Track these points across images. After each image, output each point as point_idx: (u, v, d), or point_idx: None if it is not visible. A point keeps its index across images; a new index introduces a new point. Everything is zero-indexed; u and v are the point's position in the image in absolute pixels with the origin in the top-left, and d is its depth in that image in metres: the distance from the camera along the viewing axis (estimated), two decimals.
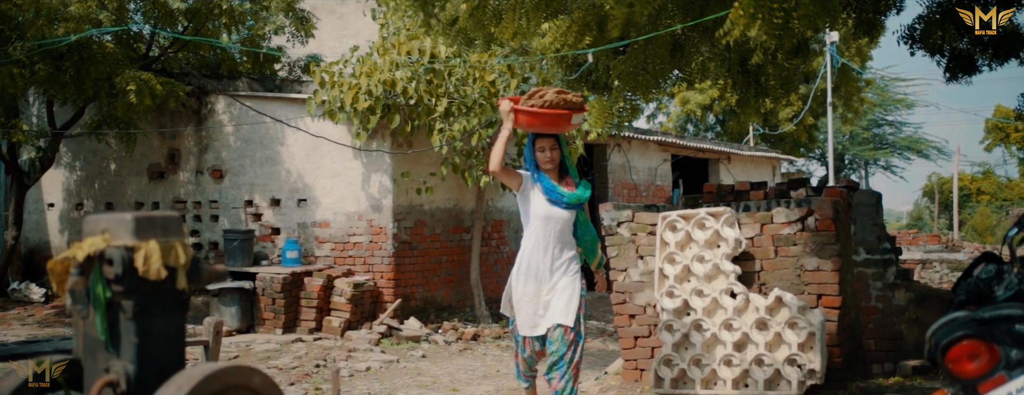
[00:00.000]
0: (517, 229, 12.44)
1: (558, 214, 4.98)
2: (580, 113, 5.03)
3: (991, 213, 38.32)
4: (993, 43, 7.94)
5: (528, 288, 4.98)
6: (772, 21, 5.02)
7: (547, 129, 5.00)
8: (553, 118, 4.90)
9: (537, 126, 4.99)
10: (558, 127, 4.99)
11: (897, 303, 6.76)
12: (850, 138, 40.44)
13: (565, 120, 4.95)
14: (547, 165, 5.04)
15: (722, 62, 7.67)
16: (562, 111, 4.90)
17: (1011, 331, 3.09)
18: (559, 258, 4.99)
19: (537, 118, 4.91)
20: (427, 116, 9.93)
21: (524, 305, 4.99)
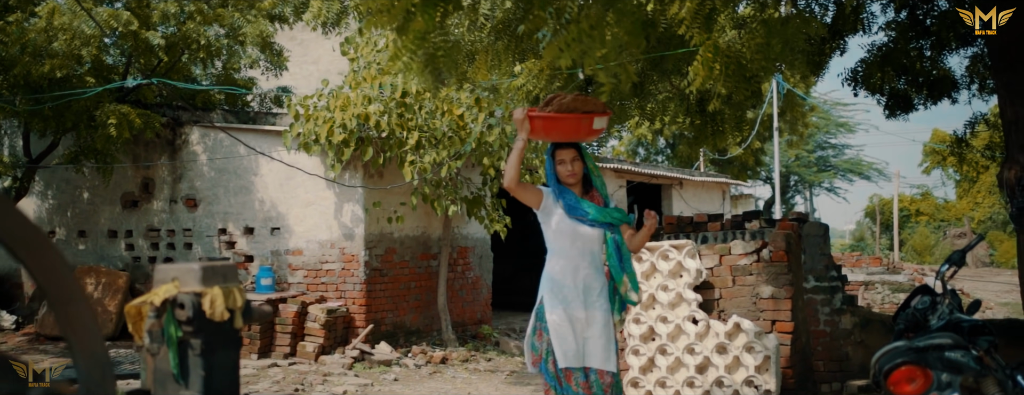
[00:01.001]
0: (482, 255, 12.90)
1: (585, 233, 4.46)
2: (603, 116, 4.50)
3: (930, 234, 39.67)
4: (928, 84, 8.63)
5: (565, 314, 4.39)
6: (729, 74, 5.56)
7: (567, 137, 4.51)
8: (573, 123, 4.41)
9: (556, 134, 4.49)
10: (579, 134, 4.49)
11: (843, 327, 7.34)
12: (795, 161, 41.60)
13: (586, 125, 4.44)
14: (569, 179, 4.53)
15: (681, 102, 8.25)
16: (582, 115, 4.42)
17: (942, 358, 3.63)
18: (592, 284, 4.44)
19: (555, 124, 4.41)
20: (398, 148, 10.36)
21: (564, 332, 4.38)
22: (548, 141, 4.65)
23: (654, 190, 19.67)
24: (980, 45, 8.23)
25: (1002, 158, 5.95)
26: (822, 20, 8.15)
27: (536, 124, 4.39)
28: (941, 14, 7.94)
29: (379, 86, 10.44)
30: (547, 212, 4.51)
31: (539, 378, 10.23)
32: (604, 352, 4.38)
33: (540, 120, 4.37)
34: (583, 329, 4.39)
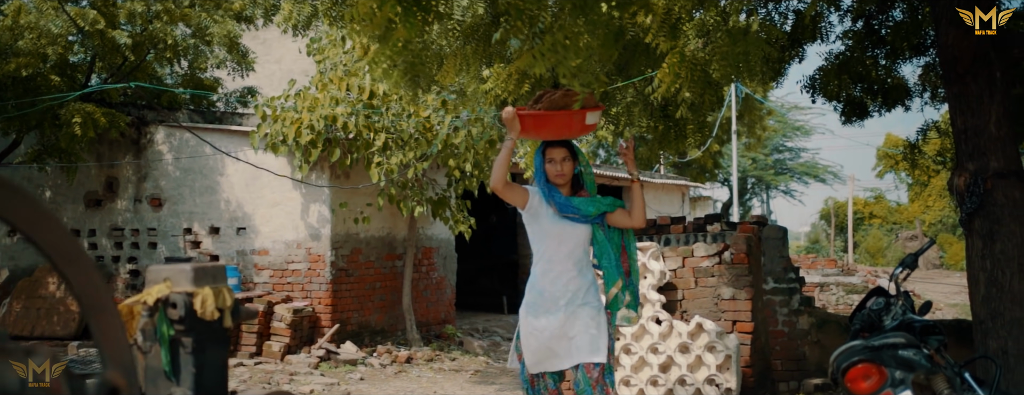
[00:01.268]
0: (446, 256, 13.02)
1: (575, 232, 4.27)
2: (595, 111, 4.34)
3: (883, 236, 40.44)
4: (882, 92, 8.90)
5: (538, 322, 4.21)
6: (694, 80, 5.74)
7: (558, 134, 4.31)
8: (564, 120, 4.23)
9: (546, 132, 4.30)
10: (571, 130, 4.31)
11: (801, 327, 7.58)
12: (752, 164, 42.18)
13: (578, 121, 4.27)
14: (558, 179, 4.32)
15: (644, 106, 8.44)
16: (574, 110, 4.24)
17: (895, 356, 3.83)
18: (576, 285, 4.23)
19: (546, 121, 4.23)
20: (365, 149, 10.46)
21: (532, 340, 4.23)
22: (539, 140, 4.44)
23: (615, 192, 19.91)
24: (932, 55, 8.51)
25: (953, 165, 6.20)
26: (782, 29, 8.39)
27: (526, 122, 4.20)
28: (896, 25, 8.20)
29: (346, 88, 10.53)
30: (533, 213, 4.30)
31: (503, 377, 10.42)
32: (590, 345, 4.14)
33: (530, 118, 4.19)
34: (563, 332, 4.16)
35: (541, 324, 4.19)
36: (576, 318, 4.19)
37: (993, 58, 5.72)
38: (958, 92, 5.91)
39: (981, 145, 5.82)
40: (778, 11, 8.57)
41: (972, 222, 5.79)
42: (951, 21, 5.72)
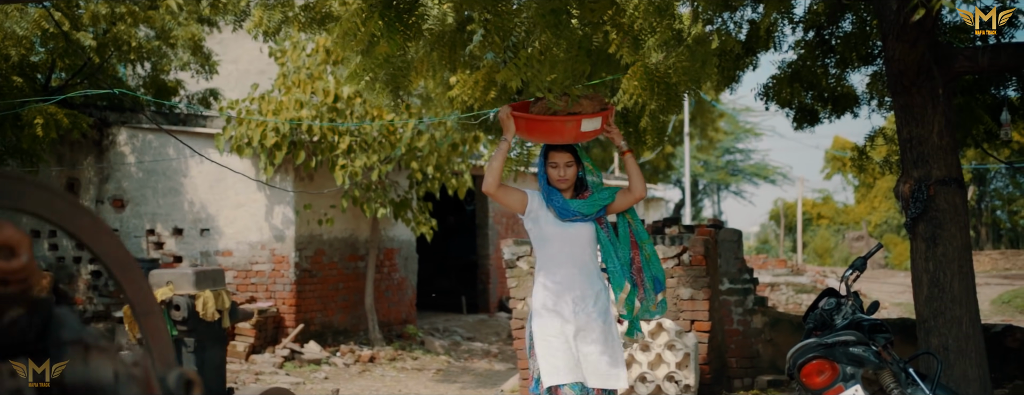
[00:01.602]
0: (407, 257, 13.20)
1: (579, 234, 4.09)
2: (593, 117, 4.09)
3: (830, 236, 41.33)
4: (832, 99, 9.27)
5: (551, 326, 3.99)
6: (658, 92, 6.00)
7: (551, 139, 4.13)
8: (556, 126, 4.04)
9: (539, 135, 4.19)
10: (564, 136, 4.10)
11: (755, 326, 7.90)
12: (704, 165, 42.84)
13: (572, 128, 4.05)
14: (560, 184, 4.16)
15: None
16: (567, 117, 4.03)
17: (846, 352, 4.13)
18: (587, 292, 4.05)
19: (539, 125, 4.08)
20: (330, 152, 10.61)
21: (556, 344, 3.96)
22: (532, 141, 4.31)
23: None
24: (879, 65, 8.89)
25: (899, 173, 6.54)
26: (737, 37, 8.71)
27: (519, 124, 4.05)
28: (845, 36, 8.54)
29: (311, 91, 10.67)
30: (533, 217, 4.11)
31: (465, 375, 10.63)
32: (608, 367, 3.98)
33: (523, 121, 4.04)
34: (579, 343, 3.96)
35: (553, 329, 3.96)
36: (591, 330, 4.00)
37: (937, 72, 6.06)
38: (904, 103, 6.24)
39: (925, 154, 6.15)
40: (733, 20, 8.89)
41: (916, 226, 6.12)
42: (898, 36, 6.04)
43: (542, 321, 4.03)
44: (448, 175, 11.71)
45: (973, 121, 8.12)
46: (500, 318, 15.26)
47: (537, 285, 4.13)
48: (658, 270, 4.32)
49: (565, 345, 3.95)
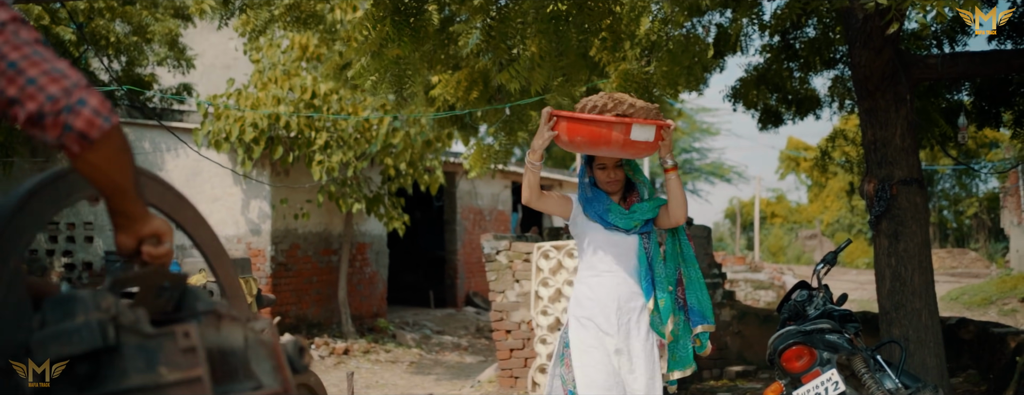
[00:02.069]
0: (379, 252, 13.40)
1: (620, 241, 3.80)
2: (646, 125, 3.55)
3: (783, 235, 42.14)
4: (796, 102, 9.65)
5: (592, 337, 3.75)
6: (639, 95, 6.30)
7: (595, 146, 3.61)
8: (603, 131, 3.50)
9: (582, 141, 3.60)
10: (609, 143, 3.55)
11: (724, 319, 8.24)
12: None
13: (621, 134, 3.50)
14: (609, 187, 3.85)
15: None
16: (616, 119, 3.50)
17: (823, 339, 4.46)
18: (630, 304, 3.78)
19: (582, 129, 3.55)
20: (307, 147, 10.78)
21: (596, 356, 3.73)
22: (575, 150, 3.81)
23: None
24: (841, 69, 9.28)
25: (863, 173, 6.90)
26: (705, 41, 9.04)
27: (563, 127, 3.58)
28: (809, 41, 8.91)
29: (289, 88, 10.83)
30: (577, 222, 3.89)
31: (437, 368, 10.86)
32: (647, 388, 3.73)
33: (569, 121, 3.57)
34: (620, 360, 3.73)
35: (592, 340, 3.73)
36: (632, 348, 3.76)
37: (901, 77, 6.43)
38: (869, 107, 6.61)
39: (888, 155, 6.52)
40: (701, 24, 9.22)
41: (879, 224, 6.49)
42: (864, 43, 6.40)
43: (581, 332, 3.76)
44: (420, 171, 11.94)
45: (929, 124, 8.53)
46: (468, 312, 15.51)
47: (576, 292, 3.87)
48: (701, 300, 3.97)
49: (604, 358, 3.71)
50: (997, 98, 8.29)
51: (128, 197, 1.68)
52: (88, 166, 1.59)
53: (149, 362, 1.52)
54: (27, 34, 1.59)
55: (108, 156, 1.59)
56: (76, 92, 1.53)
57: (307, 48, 11.42)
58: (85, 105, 1.53)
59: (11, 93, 1.53)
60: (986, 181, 34.58)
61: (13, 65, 1.53)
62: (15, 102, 1.53)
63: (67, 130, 1.53)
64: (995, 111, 8.51)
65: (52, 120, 1.52)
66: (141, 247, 1.77)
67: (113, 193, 1.67)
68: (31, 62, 1.54)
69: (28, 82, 1.52)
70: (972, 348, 7.90)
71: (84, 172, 1.62)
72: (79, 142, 1.54)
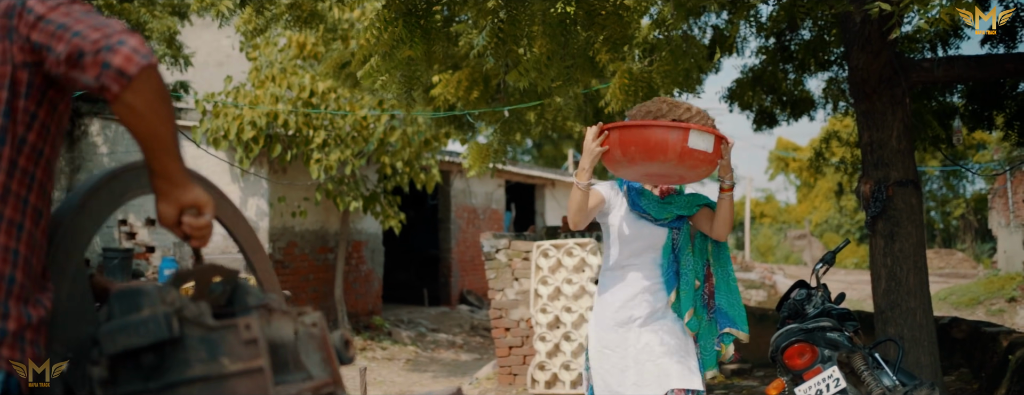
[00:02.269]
0: (374, 250, 13.46)
1: (652, 234, 3.60)
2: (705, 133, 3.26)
3: (772, 235, 42.35)
4: (791, 103, 9.76)
5: (609, 336, 3.59)
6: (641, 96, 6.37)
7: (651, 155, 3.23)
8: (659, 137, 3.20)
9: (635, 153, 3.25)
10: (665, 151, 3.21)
11: None
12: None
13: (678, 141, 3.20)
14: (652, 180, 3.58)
15: (578, 112, 9.08)
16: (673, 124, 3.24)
17: (824, 337, 4.55)
18: (654, 294, 3.59)
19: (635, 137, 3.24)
20: (305, 146, 10.83)
21: (603, 360, 3.59)
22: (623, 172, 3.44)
23: (528, 190, 20.60)
24: (835, 71, 9.39)
25: (859, 174, 7.00)
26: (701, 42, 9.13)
27: (612, 139, 3.29)
28: (804, 42, 9.01)
29: (287, 86, 10.88)
30: (604, 212, 3.66)
31: (433, 365, 10.93)
32: (680, 365, 3.49)
33: (617, 132, 3.27)
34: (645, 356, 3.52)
35: (613, 340, 3.57)
36: (658, 334, 3.54)
37: (899, 80, 6.53)
38: (866, 109, 6.71)
39: (884, 157, 6.62)
40: (697, 25, 9.31)
41: (876, 224, 6.59)
42: (862, 46, 6.50)
43: (602, 331, 3.61)
44: (417, 170, 12.00)
45: (921, 126, 8.65)
46: (462, 310, 15.58)
47: (601, 287, 3.69)
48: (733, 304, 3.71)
49: (622, 361, 3.54)
50: (989, 101, 8.40)
51: (168, 151, 1.70)
52: (126, 109, 1.61)
53: (212, 353, 1.59)
54: (79, 8, 1.67)
55: (147, 98, 1.60)
56: (116, 35, 1.59)
57: (305, 46, 11.46)
58: (124, 44, 1.58)
59: (59, 49, 1.60)
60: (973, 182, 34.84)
61: (62, 26, 1.61)
62: (61, 54, 1.59)
63: (105, 68, 1.56)
64: (987, 114, 8.62)
65: (91, 59, 1.57)
66: (182, 218, 1.81)
67: (153, 144, 1.68)
68: (76, 19, 1.61)
69: (73, 34, 1.59)
70: (964, 347, 8.01)
71: (122, 117, 1.63)
72: (118, 80, 1.57)
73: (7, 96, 1.65)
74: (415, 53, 4.54)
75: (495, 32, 4.34)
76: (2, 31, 1.66)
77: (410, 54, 4.54)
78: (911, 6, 3.92)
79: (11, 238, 1.62)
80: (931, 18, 4.02)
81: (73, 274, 1.72)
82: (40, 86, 1.69)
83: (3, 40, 1.65)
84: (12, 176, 1.64)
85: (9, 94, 1.65)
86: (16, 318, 1.58)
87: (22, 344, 1.58)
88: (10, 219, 1.63)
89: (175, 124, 1.70)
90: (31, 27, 1.63)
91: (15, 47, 1.65)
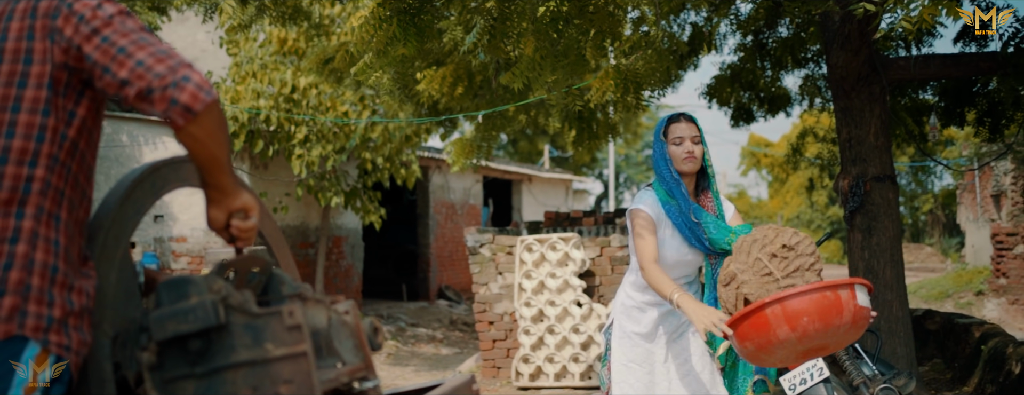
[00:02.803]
0: (354, 245, 13.50)
1: (687, 257, 3.42)
2: (863, 286, 2.90)
3: None
4: (768, 99, 9.91)
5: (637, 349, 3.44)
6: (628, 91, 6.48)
7: (826, 319, 2.79)
8: (830, 301, 2.80)
9: (811, 323, 2.77)
10: (841, 311, 2.81)
11: None
12: (625, 159, 43.79)
13: (849, 298, 2.84)
14: (687, 165, 3.35)
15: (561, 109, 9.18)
16: (837, 283, 2.83)
17: None
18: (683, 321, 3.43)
19: (799, 312, 2.77)
20: (287, 142, 10.86)
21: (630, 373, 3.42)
22: (777, 355, 2.92)
23: (505, 185, 20.70)
24: (812, 68, 9.55)
25: (838, 170, 7.15)
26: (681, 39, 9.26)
27: (767, 317, 2.81)
28: (782, 40, 9.16)
29: (268, 82, 10.90)
30: None
31: (414, 359, 11.00)
32: (710, 378, 3.39)
33: (779, 305, 2.79)
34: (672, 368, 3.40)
35: (639, 354, 3.42)
36: (686, 350, 3.41)
37: (877, 77, 6.68)
38: (844, 106, 6.85)
39: (862, 153, 6.77)
40: (676, 22, 9.44)
41: (854, 219, 6.74)
42: (842, 45, 6.64)
43: (625, 342, 3.45)
44: (397, 165, 12.05)
45: (896, 123, 8.82)
46: (440, 305, 15.65)
47: (622, 293, 3.52)
48: None
49: (647, 376, 3.40)
50: (961, 98, 8.59)
51: (223, 170, 1.84)
52: (190, 138, 1.74)
53: (256, 339, 1.67)
54: (132, 23, 1.74)
55: (209, 129, 1.74)
56: (180, 70, 1.69)
57: (286, 42, 11.48)
58: (189, 81, 1.68)
59: (122, 75, 1.68)
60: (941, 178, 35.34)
61: (123, 50, 1.68)
62: (126, 83, 1.68)
63: (173, 104, 1.68)
64: (959, 110, 8.81)
65: (160, 95, 1.67)
66: (231, 221, 1.92)
67: (210, 165, 1.81)
68: (138, 46, 1.70)
69: (137, 64, 1.67)
70: (938, 338, 8.21)
71: (186, 144, 1.76)
72: (184, 115, 1.69)
73: (47, 95, 1.72)
74: (409, 51, 4.61)
75: (487, 29, 4.42)
76: (43, 31, 1.72)
77: (404, 52, 4.62)
78: (894, 8, 4.04)
79: (51, 229, 1.69)
80: (913, 18, 4.15)
81: (120, 260, 1.80)
82: (77, 85, 1.76)
83: (44, 39, 1.72)
84: (53, 171, 1.71)
85: (50, 93, 1.72)
86: (61, 305, 1.65)
87: (67, 330, 1.66)
88: (49, 212, 1.70)
89: (229, 145, 1.83)
90: (85, 39, 1.70)
91: (57, 48, 1.72)
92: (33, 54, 1.71)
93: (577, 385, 7.52)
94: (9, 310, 1.60)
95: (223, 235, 1.93)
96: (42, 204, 1.68)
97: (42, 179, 1.69)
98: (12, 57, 1.71)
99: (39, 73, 1.71)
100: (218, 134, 1.76)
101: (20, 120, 1.69)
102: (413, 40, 4.42)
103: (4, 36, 1.72)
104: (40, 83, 1.72)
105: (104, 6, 1.73)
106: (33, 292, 1.62)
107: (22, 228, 1.64)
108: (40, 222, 1.67)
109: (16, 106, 1.69)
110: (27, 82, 1.70)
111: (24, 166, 1.67)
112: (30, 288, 1.62)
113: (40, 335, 1.61)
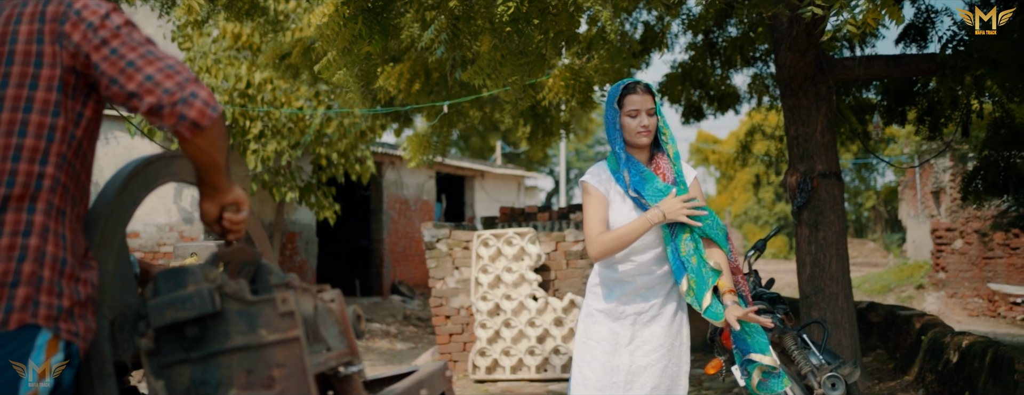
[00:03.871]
0: (308, 240, 13.50)
1: (654, 231, 3.34)
2: None
3: None
4: (718, 98, 10.13)
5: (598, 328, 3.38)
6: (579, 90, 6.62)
7: None
8: None
9: None
10: None
11: None
12: (576, 155, 44.09)
13: None
14: (641, 138, 3.27)
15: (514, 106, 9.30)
16: None
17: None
18: (656, 288, 3.38)
19: None
20: (242, 137, 10.84)
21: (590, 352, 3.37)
22: None
23: (458, 181, 20.78)
24: (760, 67, 9.78)
25: (786, 166, 7.37)
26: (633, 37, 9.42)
27: None
28: (731, 39, 9.37)
29: (223, 77, 10.86)
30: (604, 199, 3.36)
31: (369, 354, 11.05)
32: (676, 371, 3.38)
33: None
34: (635, 354, 3.34)
35: (601, 332, 3.37)
36: (648, 339, 3.35)
37: (824, 77, 6.90)
38: (792, 105, 7.07)
39: (809, 150, 7.00)
40: (629, 22, 9.61)
41: (801, 214, 6.96)
42: (790, 46, 6.85)
43: (589, 321, 3.41)
44: (352, 161, 12.08)
45: (841, 121, 9.09)
46: (394, 301, 15.70)
47: (593, 276, 3.49)
48: None
49: (607, 355, 3.33)
50: (902, 97, 8.88)
51: (220, 173, 1.97)
52: (195, 148, 1.86)
53: (251, 325, 1.77)
54: (139, 36, 1.84)
55: (213, 140, 1.86)
56: (188, 86, 1.79)
57: (240, 37, 11.44)
58: (197, 98, 1.79)
59: (131, 88, 1.77)
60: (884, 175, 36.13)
61: (132, 64, 1.78)
62: (134, 96, 1.77)
63: (182, 119, 1.80)
64: (901, 109, 9.11)
65: (169, 110, 1.78)
66: (223, 214, 2.03)
67: (210, 170, 1.94)
68: (146, 61, 1.79)
69: (146, 78, 1.77)
70: (880, 329, 8.49)
71: (190, 152, 1.88)
72: (191, 129, 1.81)
73: (57, 97, 1.80)
74: (374, 49, 4.69)
75: (448, 26, 4.52)
76: (52, 35, 1.80)
77: (369, 49, 4.70)
78: (840, 11, 4.23)
79: (59, 223, 1.78)
80: (858, 20, 4.34)
81: (118, 248, 1.89)
82: (84, 88, 1.85)
83: (53, 43, 1.80)
84: (61, 168, 1.80)
85: (60, 95, 1.80)
86: (69, 296, 1.74)
87: (74, 318, 1.75)
88: (58, 207, 1.79)
89: (228, 151, 1.95)
90: (94, 49, 1.79)
91: (65, 52, 1.81)
92: (43, 57, 1.79)
93: (533, 377, 7.65)
94: (23, 300, 1.69)
95: (215, 228, 2.03)
96: (52, 200, 1.77)
97: (52, 176, 1.78)
98: (23, 59, 1.79)
99: (49, 76, 1.79)
100: (220, 143, 1.88)
101: (32, 120, 1.77)
102: (378, 38, 4.50)
103: (14, 38, 1.79)
104: (50, 86, 1.80)
105: (112, 16, 1.82)
106: (45, 283, 1.71)
107: (34, 222, 1.73)
108: (50, 217, 1.75)
109: (28, 106, 1.77)
110: (38, 84, 1.78)
111: (35, 163, 1.76)
112: (42, 280, 1.71)
113: (51, 323, 1.71)
